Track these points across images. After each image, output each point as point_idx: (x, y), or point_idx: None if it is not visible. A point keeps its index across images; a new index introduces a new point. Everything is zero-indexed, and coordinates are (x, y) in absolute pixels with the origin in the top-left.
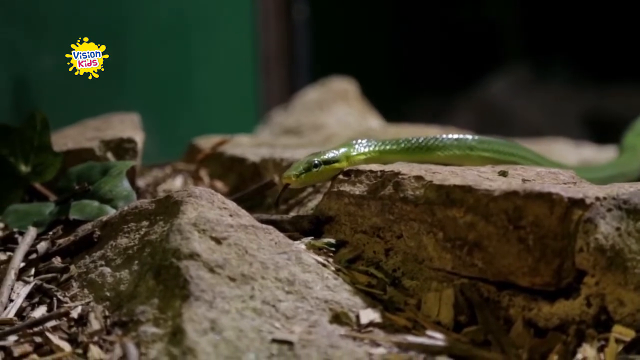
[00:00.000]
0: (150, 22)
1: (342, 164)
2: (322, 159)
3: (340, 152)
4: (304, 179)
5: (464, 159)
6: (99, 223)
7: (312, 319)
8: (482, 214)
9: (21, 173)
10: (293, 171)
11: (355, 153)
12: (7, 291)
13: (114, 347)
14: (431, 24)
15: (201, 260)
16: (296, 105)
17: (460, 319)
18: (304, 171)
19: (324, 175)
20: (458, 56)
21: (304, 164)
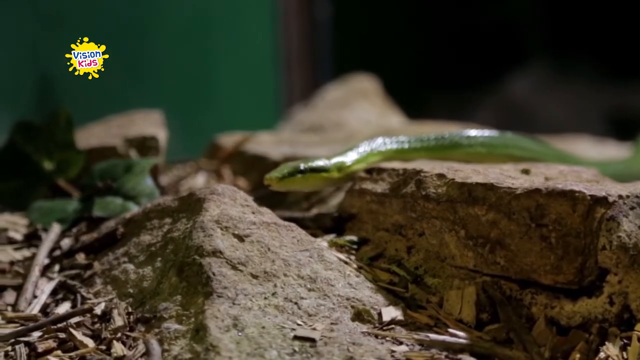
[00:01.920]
0: (172, 20)
1: (331, 174)
2: (309, 165)
3: (332, 162)
4: (286, 183)
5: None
6: (122, 220)
7: (334, 316)
8: (504, 212)
9: (45, 170)
10: (276, 173)
11: (348, 164)
12: (31, 287)
13: (137, 343)
14: (453, 20)
15: (224, 257)
16: (318, 102)
17: (483, 317)
18: (288, 175)
19: (309, 183)
20: (480, 53)
21: (290, 167)
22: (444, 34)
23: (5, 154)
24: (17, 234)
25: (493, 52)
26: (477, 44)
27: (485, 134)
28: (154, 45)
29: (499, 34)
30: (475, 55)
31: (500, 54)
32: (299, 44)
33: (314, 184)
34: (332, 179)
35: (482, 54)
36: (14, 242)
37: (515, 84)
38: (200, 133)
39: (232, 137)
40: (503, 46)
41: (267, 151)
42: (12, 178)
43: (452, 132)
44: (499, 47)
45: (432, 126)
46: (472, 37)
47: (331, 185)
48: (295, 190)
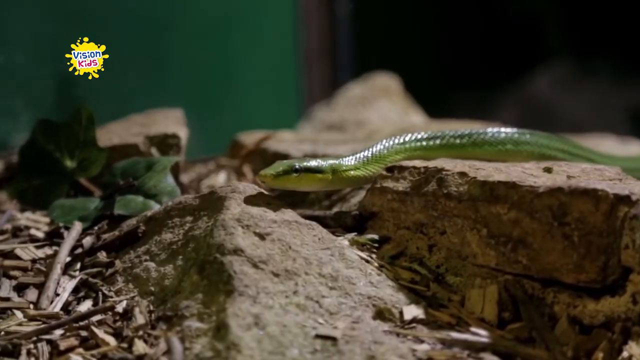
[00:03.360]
0: (194, 19)
1: (326, 175)
2: (304, 165)
3: (328, 164)
4: (281, 181)
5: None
6: (144, 218)
7: (355, 315)
8: (526, 211)
9: (67, 168)
10: (271, 170)
11: (344, 167)
12: (53, 285)
13: (159, 341)
14: (475, 19)
15: (245, 255)
16: (339, 101)
17: (505, 316)
18: (283, 173)
19: (303, 183)
20: (502, 51)
21: (285, 165)
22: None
23: (27, 152)
24: (39, 232)
25: (515, 51)
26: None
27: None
28: (175, 43)
29: (521, 33)
30: (497, 54)
31: (523, 53)
32: (319, 43)
33: (308, 185)
34: (326, 181)
35: (504, 52)
36: (35, 240)
37: (538, 83)
38: (221, 131)
39: (253, 136)
40: (525, 44)
41: (288, 149)
42: (33, 176)
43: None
44: (521, 45)
45: (453, 125)
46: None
47: (324, 187)
48: (289, 189)
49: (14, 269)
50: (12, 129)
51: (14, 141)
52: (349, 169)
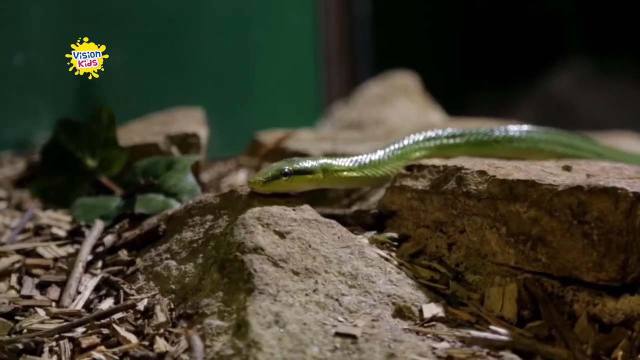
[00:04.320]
0: (213, 18)
1: (316, 175)
2: (293, 168)
3: (318, 164)
4: (271, 186)
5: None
6: (164, 217)
7: (375, 313)
8: (545, 209)
9: (88, 167)
10: (260, 177)
11: (336, 167)
12: (75, 283)
13: (180, 339)
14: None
15: (265, 254)
16: (358, 99)
17: (524, 314)
18: (272, 178)
19: (294, 186)
20: (520, 49)
21: (274, 170)
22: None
23: (48, 151)
24: (61, 231)
25: (534, 49)
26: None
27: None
28: (195, 43)
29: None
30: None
31: (542, 51)
32: (338, 41)
33: (299, 186)
34: (317, 181)
35: (523, 50)
36: (57, 238)
37: (557, 81)
38: (241, 130)
39: (272, 134)
40: (544, 42)
41: (307, 148)
42: (55, 175)
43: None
44: (540, 43)
45: (472, 123)
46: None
47: (316, 187)
48: (282, 192)
49: (36, 267)
50: (33, 128)
51: (36, 140)
52: (341, 169)
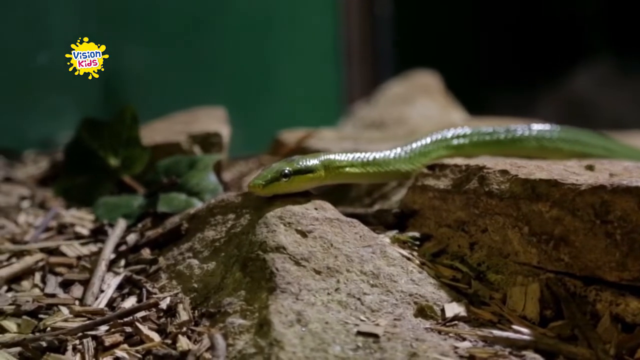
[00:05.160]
0: (235, 18)
1: (318, 173)
2: (294, 168)
3: (319, 161)
4: (271, 189)
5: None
6: (187, 216)
7: (397, 312)
8: (568, 209)
9: (111, 166)
10: (259, 180)
11: (338, 163)
12: (98, 282)
13: (202, 338)
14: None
15: (287, 252)
16: (379, 98)
17: (546, 314)
18: (271, 181)
19: (295, 185)
20: (542, 49)
21: (273, 172)
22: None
23: (72, 150)
24: (84, 229)
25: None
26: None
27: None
28: (217, 43)
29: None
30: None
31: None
32: (359, 41)
33: (301, 186)
34: (319, 179)
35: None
36: (80, 237)
37: (579, 80)
38: (263, 129)
39: (294, 133)
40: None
41: (329, 147)
42: (78, 174)
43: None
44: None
45: (493, 122)
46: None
47: (320, 185)
48: (284, 193)
49: (60, 266)
50: (57, 127)
51: (59, 139)
52: (343, 165)
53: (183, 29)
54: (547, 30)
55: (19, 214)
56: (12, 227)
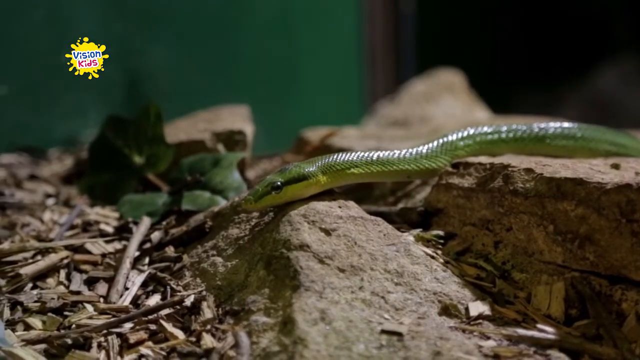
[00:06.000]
0: (259, 17)
1: (314, 180)
2: (286, 178)
3: (316, 167)
4: (263, 202)
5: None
6: (211, 213)
7: (421, 311)
8: (593, 207)
9: (135, 164)
10: (251, 195)
11: (339, 167)
12: (122, 279)
13: (226, 335)
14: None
15: (311, 251)
16: (403, 97)
17: (571, 313)
18: (262, 195)
19: (290, 195)
20: (566, 47)
21: (263, 186)
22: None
23: (96, 148)
24: (109, 227)
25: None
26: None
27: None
28: (241, 41)
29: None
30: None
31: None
32: (383, 39)
33: (297, 195)
34: (318, 185)
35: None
36: (105, 234)
37: (603, 78)
38: (286, 127)
39: (317, 132)
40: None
41: (352, 145)
42: (103, 172)
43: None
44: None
45: (518, 121)
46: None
47: (322, 189)
48: (277, 205)
49: (85, 263)
50: (81, 125)
51: (84, 137)
52: (345, 167)
53: (207, 27)
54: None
55: (44, 212)
56: (37, 224)
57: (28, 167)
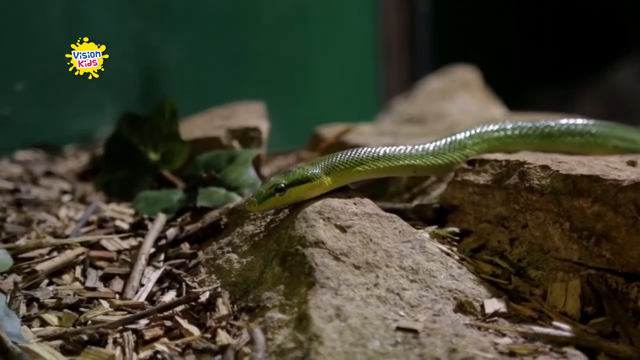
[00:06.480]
0: (275, 13)
1: (318, 181)
2: (289, 180)
3: (319, 169)
4: (267, 204)
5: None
6: (226, 210)
7: (436, 308)
8: (610, 205)
9: (151, 161)
10: (254, 197)
11: (344, 166)
12: (138, 276)
13: (242, 332)
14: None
15: (326, 247)
16: (418, 93)
17: (587, 310)
18: (265, 197)
19: (294, 197)
20: (582, 44)
21: (268, 187)
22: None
23: (112, 145)
24: (124, 224)
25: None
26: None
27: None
28: (256, 38)
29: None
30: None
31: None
32: (398, 36)
33: (301, 196)
34: (322, 186)
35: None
36: (120, 231)
37: (620, 75)
38: (301, 124)
39: (333, 128)
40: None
41: (368, 142)
42: (118, 169)
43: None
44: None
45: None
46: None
47: (328, 190)
48: (282, 206)
49: (100, 260)
50: (97, 122)
51: (99, 134)
52: (350, 166)
53: (223, 24)
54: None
55: (60, 208)
56: (53, 221)
57: (44, 164)
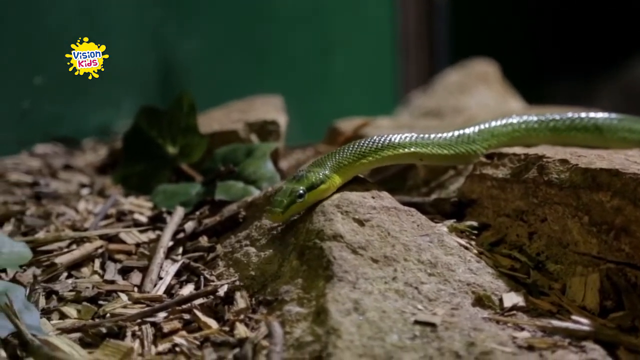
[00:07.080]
0: (292, 6)
1: (331, 181)
2: (306, 185)
3: (328, 170)
4: (290, 212)
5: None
6: (244, 203)
7: (454, 302)
8: (629, 198)
9: (169, 154)
10: (278, 207)
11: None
12: (156, 269)
13: (260, 325)
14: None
15: (344, 241)
16: (436, 87)
17: (607, 304)
18: (288, 205)
19: (312, 199)
20: (601, 37)
21: (287, 196)
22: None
23: (130, 138)
24: (143, 217)
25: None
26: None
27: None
28: (274, 31)
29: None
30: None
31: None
32: (417, 29)
33: (317, 199)
34: (334, 186)
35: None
36: (139, 224)
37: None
38: (319, 118)
39: (351, 122)
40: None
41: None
42: (137, 162)
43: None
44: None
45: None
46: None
47: (335, 189)
48: (301, 211)
49: (119, 253)
50: (115, 115)
51: (118, 127)
52: (355, 160)
53: (241, 17)
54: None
55: (78, 201)
56: (72, 214)
57: (63, 157)
